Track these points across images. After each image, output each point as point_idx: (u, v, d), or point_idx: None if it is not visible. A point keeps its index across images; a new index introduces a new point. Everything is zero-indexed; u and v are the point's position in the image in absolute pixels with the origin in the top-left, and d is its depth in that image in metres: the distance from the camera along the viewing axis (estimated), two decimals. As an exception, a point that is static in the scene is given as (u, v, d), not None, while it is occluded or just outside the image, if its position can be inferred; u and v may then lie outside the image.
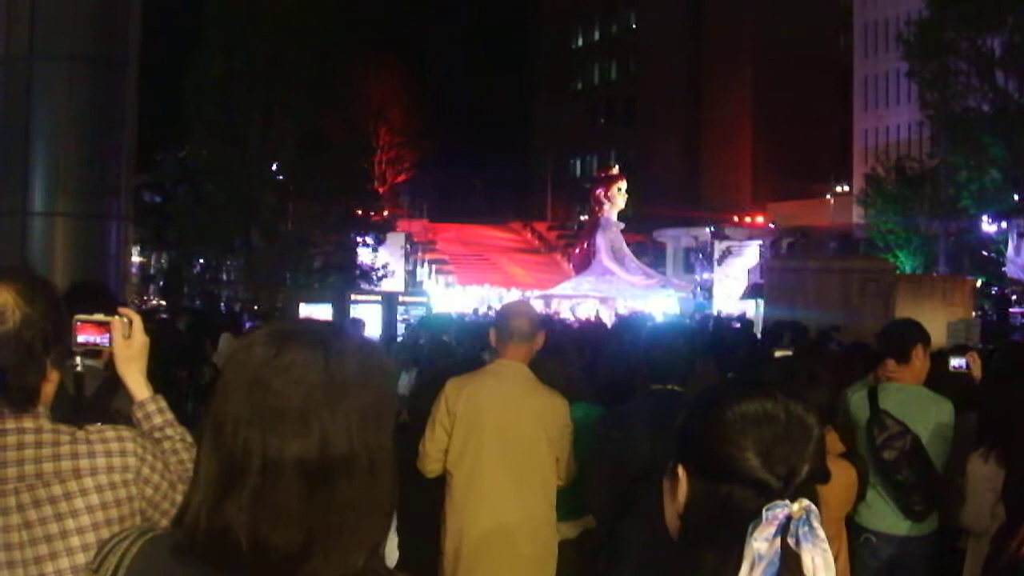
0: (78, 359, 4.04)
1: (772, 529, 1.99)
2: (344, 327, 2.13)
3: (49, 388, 3.01)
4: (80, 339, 3.77)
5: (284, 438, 1.83)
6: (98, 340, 3.77)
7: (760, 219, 70.85)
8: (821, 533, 2.00)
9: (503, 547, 6.44)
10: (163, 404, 3.66)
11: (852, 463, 5.59)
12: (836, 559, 2.02)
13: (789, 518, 2.00)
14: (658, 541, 3.09)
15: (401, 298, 33.14)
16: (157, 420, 3.60)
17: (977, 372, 7.54)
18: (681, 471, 2.23)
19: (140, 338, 3.73)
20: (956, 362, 7.59)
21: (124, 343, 3.71)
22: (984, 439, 6.33)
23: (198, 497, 1.89)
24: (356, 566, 1.88)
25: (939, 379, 7.39)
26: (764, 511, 2.01)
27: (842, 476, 5.18)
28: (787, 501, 2.02)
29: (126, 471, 3.02)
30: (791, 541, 1.98)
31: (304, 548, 1.83)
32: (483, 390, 6.57)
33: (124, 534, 2.04)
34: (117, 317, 3.73)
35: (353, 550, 1.87)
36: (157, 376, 3.91)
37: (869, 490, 6.29)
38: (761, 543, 1.99)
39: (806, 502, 2.02)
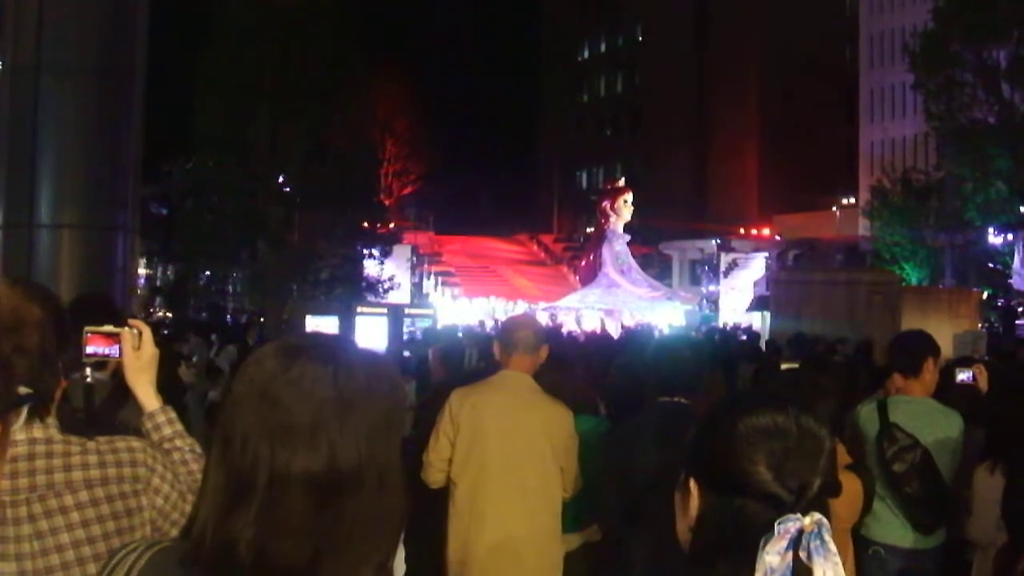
0: (88, 370, 4.04)
1: (784, 543, 1.99)
2: (353, 340, 2.13)
3: (56, 394, 3.02)
4: (90, 350, 3.77)
5: (293, 453, 1.83)
6: (108, 351, 3.77)
7: (766, 231, 70.79)
8: (833, 547, 1.99)
9: (508, 558, 6.42)
10: (173, 415, 3.67)
11: (858, 475, 5.59)
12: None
13: (801, 532, 1.99)
14: (665, 553, 3.08)
15: (407, 310, 33.16)
16: (167, 431, 3.61)
17: (983, 384, 7.52)
18: (693, 484, 2.22)
19: (150, 349, 3.73)
20: (962, 375, 7.57)
21: (134, 354, 3.71)
22: (991, 452, 6.32)
23: (205, 509, 1.89)
24: (365, 581, 1.88)
25: (945, 391, 7.39)
26: (776, 525, 2.00)
27: (848, 488, 5.18)
28: (799, 515, 2.01)
29: (136, 481, 3.02)
30: (803, 555, 1.97)
31: (312, 562, 1.82)
32: (487, 400, 6.57)
33: (132, 546, 2.04)
34: (127, 328, 3.73)
35: (361, 565, 1.87)
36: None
37: (877, 503, 6.29)
38: (773, 557, 1.98)
39: (818, 516, 2.01)
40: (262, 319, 38.16)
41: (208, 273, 44.75)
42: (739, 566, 2.04)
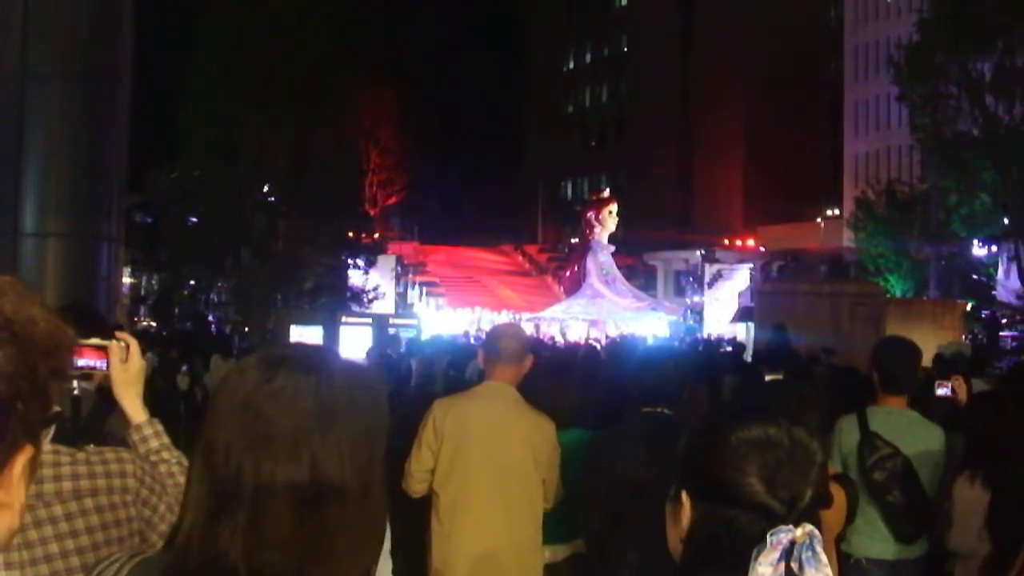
0: (75, 382, 4.02)
1: (776, 554, 1.99)
2: (335, 351, 2.12)
3: None
4: (78, 363, 3.75)
5: (275, 464, 1.82)
6: (95, 364, 3.74)
7: (751, 242, 70.88)
8: (824, 558, 2.00)
9: (489, 569, 6.42)
10: (159, 427, 3.66)
11: (842, 485, 5.59)
12: None
13: (793, 543, 2.00)
14: (650, 564, 3.07)
15: (392, 320, 33.19)
16: (154, 443, 3.60)
17: (963, 396, 7.52)
18: (684, 496, 2.23)
19: (137, 362, 3.72)
20: (941, 390, 7.57)
21: (121, 367, 3.70)
22: (970, 462, 6.33)
23: (190, 520, 1.88)
24: (347, 591, 1.87)
25: (925, 401, 7.40)
26: (768, 536, 2.01)
27: (834, 498, 5.19)
28: (791, 526, 2.02)
29: (125, 492, 3.02)
30: (795, 566, 1.99)
31: (296, 573, 1.82)
32: (471, 411, 6.56)
33: (114, 557, 2.03)
34: (114, 341, 3.72)
35: (344, 575, 1.87)
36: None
37: (859, 515, 6.30)
38: (766, 568, 1.99)
39: (809, 527, 2.02)
40: (247, 328, 38.12)
41: (193, 283, 44.68)
42: (731, 577, 2.04)
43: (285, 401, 1.86)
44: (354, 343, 25.89)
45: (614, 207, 64.85)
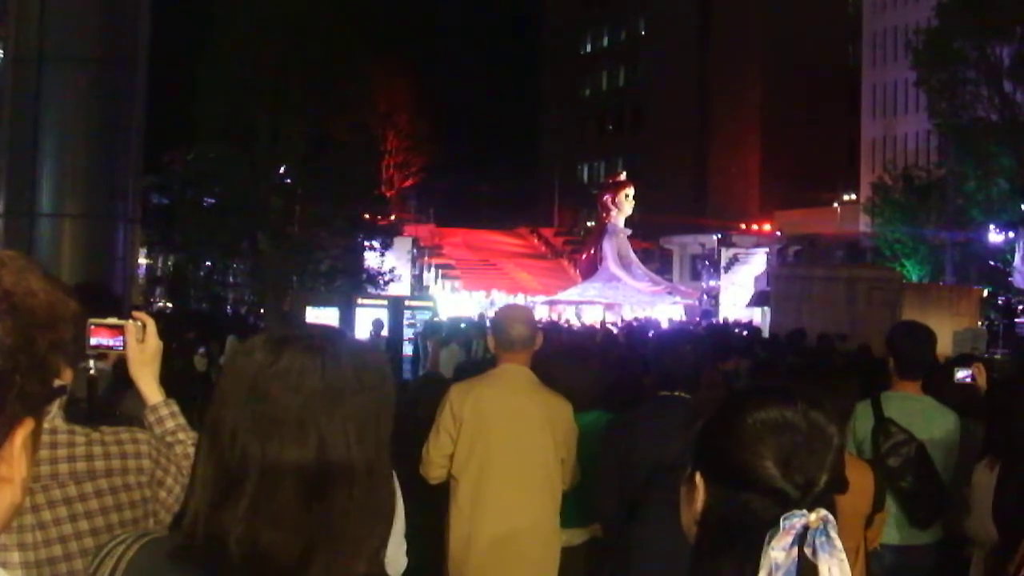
0: (91, 361, 4.02)
1: (789, 538, 1.98)
2: (343, 331, 2.12)
3: None
4: (94, 342, 3.74)
5: (282, 446, 1.83)
6: (112, 343, 3.73)
7: (767, 227, 70.68)
8: (838, 543, 1.99)
9: (511, 552, 6.41)
10: (175, 408, 3.65)
11: (872, 470, 5.53)
12: (854, 567, 2.01)
13: (806, 527, 1.99)
14: (665, 546, 3.08)
15: (407, 302, 33.20)
16: (169, 424, 3.59)
17: (982, 383, 7.48)
18: (699, 478, 2.22)
19: (153, 342, 3.71)
20: (961, 374, 7.51)
21: (138, 347, 3.68)
22: (990, 449, 6.31)
23: (196, 503, 1.89)
24: (357, 573, 1.87)
25: (943, 389, 7.36)
26: (782, 520, 2.00)
27: (863, 480, 5.15)
28: (805, 510, 2.01)
29: (141, 474, 3.03)
30: (808, 551, 1.97)
31: (303, 556, 1.82)
32: (488, 394, 6.54)
33: (121, 538, 2.03)
34: (131, 321, 3.71)
35: (353, 557, 1.87)
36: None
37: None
38: (778, 552, 1.98)
39: (823, 512, 2.01)
40: (262, 310, 38.16)
41: (209, 264, 44.68)
42: (743, 561, 2.04)
43: (291, 382, 1.86)
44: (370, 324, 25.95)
45: (630, 191, 64.87)
